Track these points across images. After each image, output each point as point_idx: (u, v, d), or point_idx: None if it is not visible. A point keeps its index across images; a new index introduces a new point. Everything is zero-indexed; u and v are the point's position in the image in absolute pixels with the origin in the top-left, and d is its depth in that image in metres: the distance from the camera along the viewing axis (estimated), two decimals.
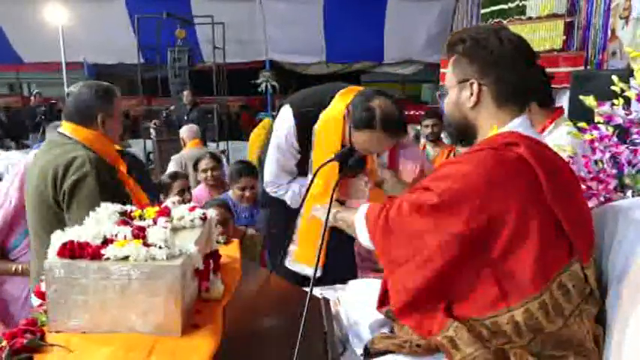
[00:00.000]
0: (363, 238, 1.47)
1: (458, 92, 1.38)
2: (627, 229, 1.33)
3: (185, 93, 8.00)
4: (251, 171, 3.44)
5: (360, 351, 1.47)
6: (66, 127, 2.04)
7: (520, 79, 1.33)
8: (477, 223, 1.23)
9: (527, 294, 1.22)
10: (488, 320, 1.25)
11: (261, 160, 2.38)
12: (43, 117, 8.63)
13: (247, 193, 3.42)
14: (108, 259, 1.06)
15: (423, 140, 4.79)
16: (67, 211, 1.95)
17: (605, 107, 1.73)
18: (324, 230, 1.41)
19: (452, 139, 1.54)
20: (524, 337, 1.23)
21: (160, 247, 1.09)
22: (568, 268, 1.25)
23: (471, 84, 1.34)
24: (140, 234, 1.11)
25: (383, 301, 1.47)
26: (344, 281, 1.93)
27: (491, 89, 1.33)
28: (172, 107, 8.33)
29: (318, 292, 1.76)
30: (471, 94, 1.35)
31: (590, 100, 1.78)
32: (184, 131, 5.14)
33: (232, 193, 3.46)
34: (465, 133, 1.44)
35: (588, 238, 1.31)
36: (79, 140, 2.03)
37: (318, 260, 1.41)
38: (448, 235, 1.25)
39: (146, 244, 1.09)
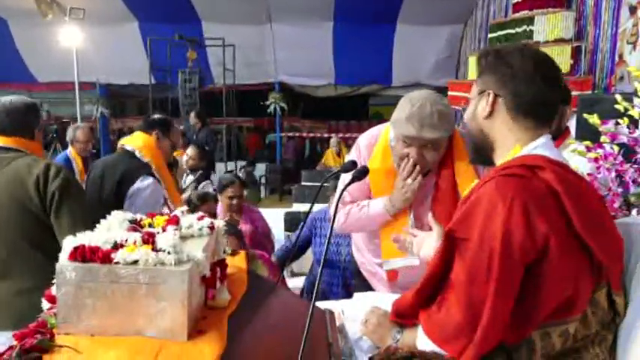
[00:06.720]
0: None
1: (476, 103, 1.40)
2: None
3: (192, 114, 8.01)
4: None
5: None
6: (6, 141, 2.13)
7: (537, 95, 1.31)
8: (528, 257, 1.18)
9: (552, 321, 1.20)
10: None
11: None
12: (54, 135, 8.71)
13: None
14: (117, 262, 1.08)
15: None
16: (57, 214, 2.03)
17: (609, 125, 1.75)
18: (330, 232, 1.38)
19: (470, 155, 1.58)
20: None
21: (169, 253, 1.11)
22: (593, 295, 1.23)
23: (488, 94, 1.35)
24: (150, 239, 1.14)
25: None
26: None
27: (507, 101, 1.33)
28: (182, 127, 8.42)
29: (322, 305, 1.77)
30: (486, 104, 1.36)
31: (593, 119, 1.81)
32: None
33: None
34: (481, 147, 1.43)
35: (619, 266, 1.28)
36: (28, 152, 2.14)
37: (321, 272, 1.42)
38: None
39: (155, 250, 1.11)
